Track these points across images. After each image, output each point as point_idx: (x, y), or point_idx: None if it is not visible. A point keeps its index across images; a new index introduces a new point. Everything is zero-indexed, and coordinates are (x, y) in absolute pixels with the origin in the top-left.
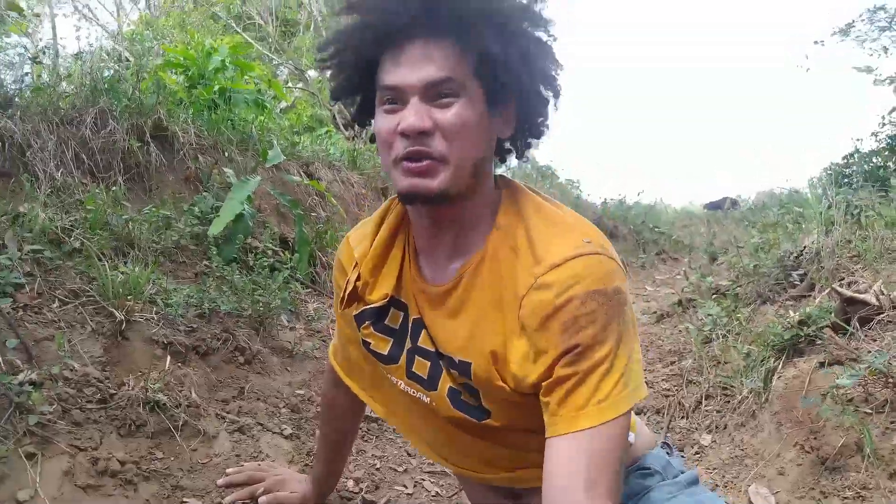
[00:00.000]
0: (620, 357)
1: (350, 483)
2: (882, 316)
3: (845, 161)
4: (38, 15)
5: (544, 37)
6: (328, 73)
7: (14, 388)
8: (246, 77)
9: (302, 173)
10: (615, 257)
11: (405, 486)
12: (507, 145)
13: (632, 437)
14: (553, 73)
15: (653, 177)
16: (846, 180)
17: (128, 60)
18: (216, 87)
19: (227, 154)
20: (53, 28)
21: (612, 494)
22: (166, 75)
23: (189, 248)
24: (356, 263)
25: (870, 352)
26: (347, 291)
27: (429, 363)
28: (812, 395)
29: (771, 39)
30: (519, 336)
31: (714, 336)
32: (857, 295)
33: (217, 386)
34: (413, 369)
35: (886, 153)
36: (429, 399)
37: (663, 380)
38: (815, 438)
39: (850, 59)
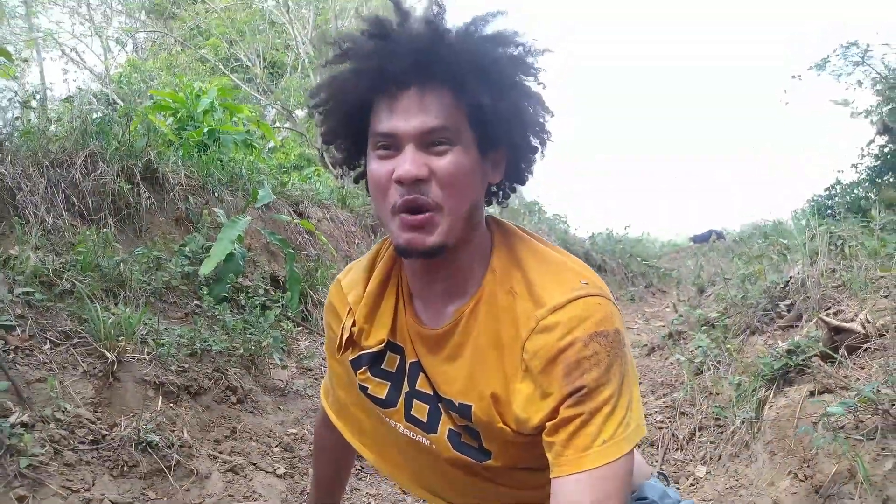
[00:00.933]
0: (623, 398)
1: None
2: (868, 344)
3: (828, 192)
4: (26, 60)
5: (535, 86)
6: (319, 117)
7: (6, 430)
8: (235, 118)
9: (292, 212)
10: (612, 298)
11: None
12: (494, 188)
13: None
14: (543, 121)
15: (651, 174)
16: (829, 212)
17: (115, 103)
18: (206, 129)
19: (217, 194)
20: (41, 72)
21: None
22: (155, 118)
23: (180, 288)
24: (350, 309)
25: (858, 379)
26: (343, 338)
27: (427, 406)
28: (803, 424)
29: (769, 38)
30: (522, 378)
31: (705, 367)
32: (843, 324)
33: (209, 426)
34: (412, 412)
35: (867, 184)
36: (429, 441)
37: (656, 412)
38: (808, 467)
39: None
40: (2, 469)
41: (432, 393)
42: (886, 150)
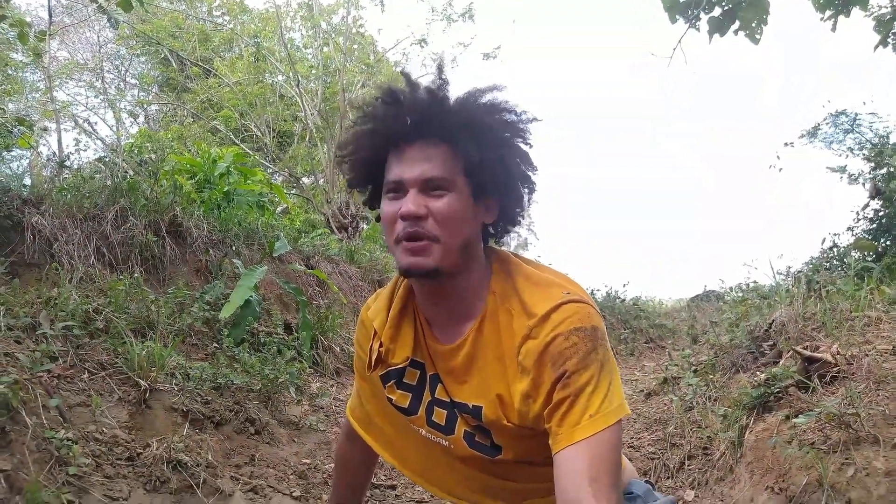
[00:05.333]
0: (603, 380)
1: None
2: (836, 370)
3: (825, 255)
4: (46, 129)
5: (522, 144)
6: (345, 167)
7: (56, 442)
8: (249, 180)
9: (304, 265)
10: (591, 303)
11: None
12: (491, 229)
13: None
14: (529, 173)
15: (648, 233)
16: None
17: (141, 165)
18: (225, 189)
19: (234, 248)
20: (59, 141)
21: (613, 489)
22: (182, 178)
23: (201, 331)
24: (375, 333)
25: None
26: (372, 358)
27: (445, 412)
28: (779, 443)
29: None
30: (520, 379)
31: (694, 403)
32: (815, 354)
33: (230, 453)
34: (433, 418)
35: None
36: (447, 442)
37: (649, 444)
38: (782, 480)
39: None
40: (52, 476)
41: (449, 400)
42: (881, 213)
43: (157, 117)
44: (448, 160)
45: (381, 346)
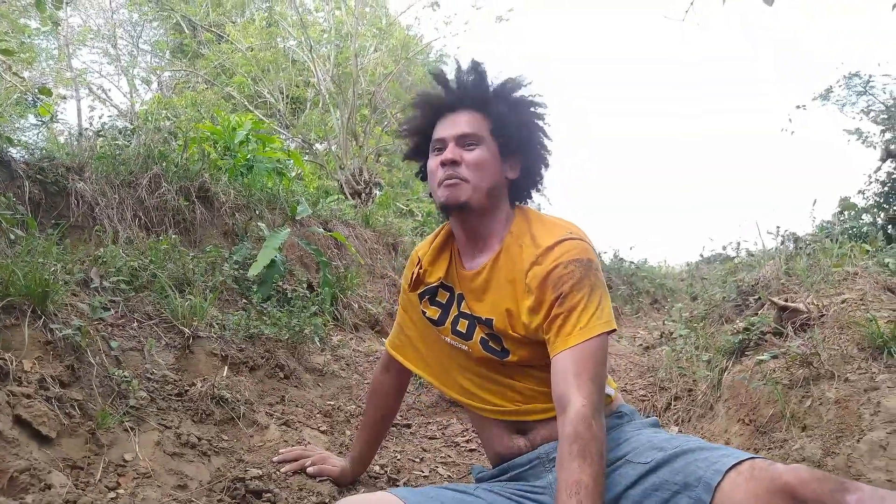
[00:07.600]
0: (592, 300)
1: (377, 468)
2: (805, 317)
3: (836, 219)
4: (64, 97)
5: (539, 120)
6: (405, 137)
7: (117, 378)
8: (267, 148)
9: (322, 229)
10: (589, 242)
11: (422, 471)
12: (516, 188)
13: (611, 391)
14: (543, 140)
15: (661, 202)
16: (827, 237)
17: (172, 135)
18: (248, 157)
19: (258, 212)
20: (79, 109)
21: (592, 382)
22: (208, 146)
23: (232, 287)
24: (419, 261)
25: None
26: (414, 277)
27: (467, 322)
28: (749, 380)
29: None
30: (526, 297)
31: (683, 352)
32: (788, 304)
33: (263, 394)
34: (457, 328)
35: (875, 210)
36: (466, 347)
37: (641, 389)
38: (752, 413)
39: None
40: (115, 406)
41: (470, 313)
42: (894, 175)
43: (170, 84)
44: (478, 122)
45: (420, 267)
